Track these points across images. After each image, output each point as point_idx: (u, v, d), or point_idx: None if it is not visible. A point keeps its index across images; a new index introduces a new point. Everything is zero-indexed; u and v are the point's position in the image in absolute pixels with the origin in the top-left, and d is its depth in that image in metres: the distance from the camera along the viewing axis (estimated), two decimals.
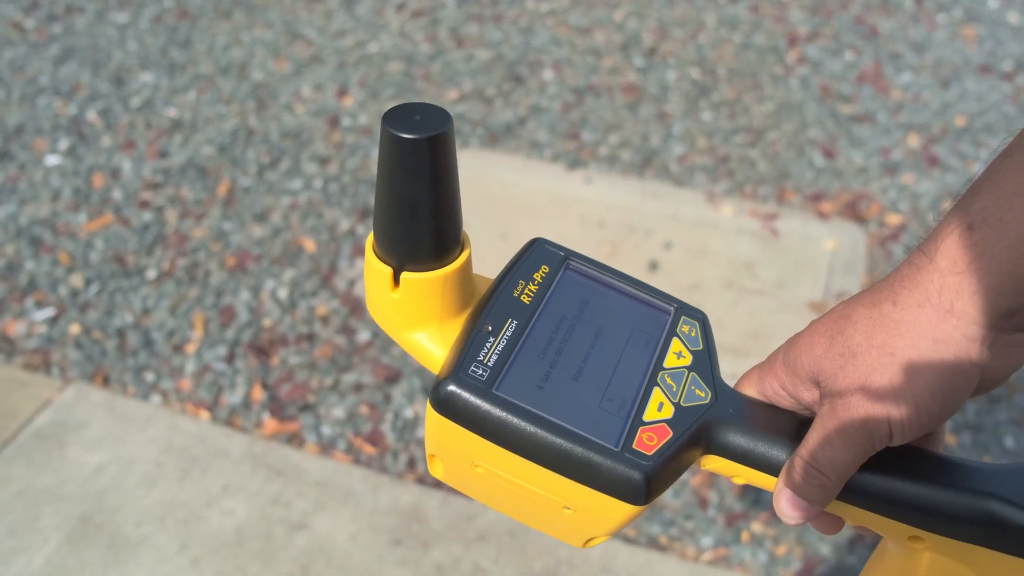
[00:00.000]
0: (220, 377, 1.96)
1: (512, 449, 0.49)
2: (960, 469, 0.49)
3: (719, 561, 1.64)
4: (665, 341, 0.55)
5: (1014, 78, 2.98)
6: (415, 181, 0.48)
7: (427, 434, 0.52)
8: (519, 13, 3.33)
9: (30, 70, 2.97)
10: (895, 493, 0.48)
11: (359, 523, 1.67)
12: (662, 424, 0.50)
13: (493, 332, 0.51)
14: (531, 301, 0.53)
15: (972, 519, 0.47)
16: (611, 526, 0.50)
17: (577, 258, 0.57)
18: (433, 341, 0.53)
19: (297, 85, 2.91)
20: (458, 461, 0.51)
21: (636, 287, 0.57)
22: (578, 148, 2.65)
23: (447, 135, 0.47)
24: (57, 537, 1.64)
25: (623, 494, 0.48)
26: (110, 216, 2.39)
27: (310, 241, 2.31)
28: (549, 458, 0.48)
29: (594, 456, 0.48)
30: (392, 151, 0.47)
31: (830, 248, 2.30)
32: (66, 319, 2.10)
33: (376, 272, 0.52)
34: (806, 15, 3.33)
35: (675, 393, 0.52)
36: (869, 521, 0.50)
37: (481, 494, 0.54)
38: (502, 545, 1.63)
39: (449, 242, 0.51)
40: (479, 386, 0.48)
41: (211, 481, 1.74)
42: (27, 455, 1.77)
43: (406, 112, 0.47)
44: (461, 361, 0.49)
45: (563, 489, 0.49)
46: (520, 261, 0.56)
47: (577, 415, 0.49)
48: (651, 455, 0.48)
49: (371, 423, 1.87)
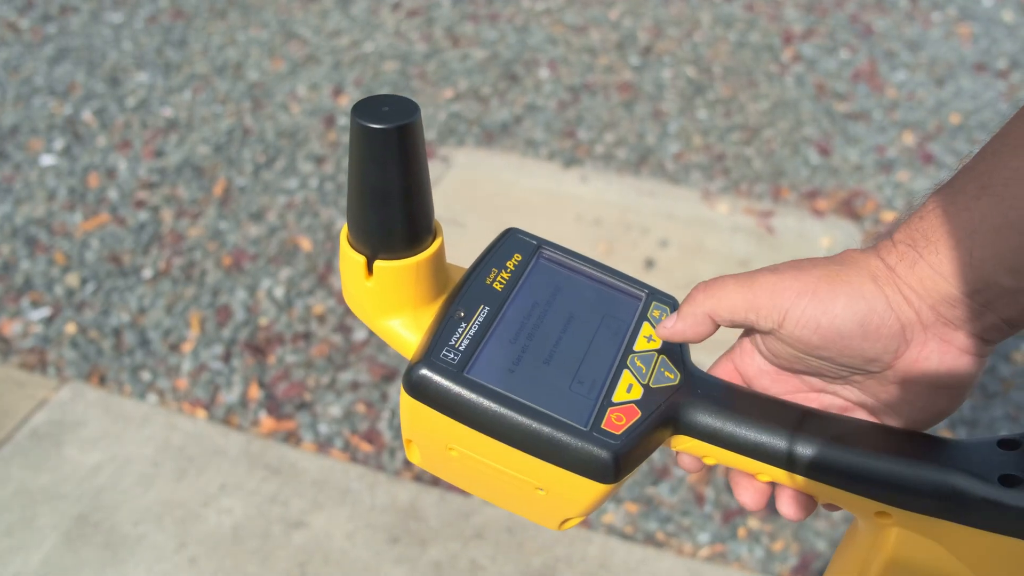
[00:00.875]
0: (217, 376, 1.96)
1: (484, 431, 0.49)
2: (923, 444, 0.50)
3: (716, 557, 1.64)
4: (636, 325, 0.56)
5: (1008, 76, 2.99)
6: (385, 171, 0.49)
7: (402, 419, 0.53)
8: (514, 12, 3.33)
9: (25, 70, 2.97)
10: (860, 468, 0.49)
11: (356, 521, 1.67)
12: (631, 405, 0.51)
13: (465, 318, 0.52)
14: (503, 288, 0.55)
15: (935, 493, 0.47)
16: (583, 506, 0.51)
17: (549, 246, 0.59)
18: (407, 328, 0.54)
19: (293, 84, 2.91)
20: (433, 445, 0.52)
21: (608, 274, 0.59)
22: (574, 146, 2.65)
23: (415, 124, 0.48)
24: (54, 536, 1.64)
25: (592, 473, 0.49)
26: (106, 216, 2.39)
27: (306, 240, 2.31)
28: (520, 439, 0.49)
29: (563, 436, 0.49)
30: (361, 141, 0.48)
31: (826, 245, 2.30)
32: (62, 318, 2.09)
33: (350, 261, 0.53)
34: (801, 13, 3.34)
35: (644, 375, 0.53)
36: (837, 498, 0.51)
37: (457, 478, 0.55)
38: (500, 542, 1.63)
39: (421, 230, 0.52)
40: (450, 369, 0.49)
41: (208, 480, 1.74)
42: (23, 454, 1.77)
43: (374, 103, 0.48)
44: (433, 346, 0.50)
45: (535, 470, 0.50)
46: (493, 250, 0.57)
47: (547, 397, 0.50)
48: (619, 434, 0.49)
49: (368, 421, 1.87)
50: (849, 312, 0.47)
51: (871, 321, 0.47)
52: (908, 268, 0.47)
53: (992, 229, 0.44)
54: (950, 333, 0.48)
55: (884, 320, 0.47)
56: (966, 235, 0.45)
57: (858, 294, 0.48)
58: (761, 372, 0.54)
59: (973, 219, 0.45)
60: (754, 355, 0.54)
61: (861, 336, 0.48)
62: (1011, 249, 0.44)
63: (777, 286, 0.49)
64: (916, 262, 0.47)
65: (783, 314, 0.49)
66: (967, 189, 0.46)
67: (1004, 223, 0.44)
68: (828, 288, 0.48)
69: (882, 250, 0.49)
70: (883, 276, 0.48)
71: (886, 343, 0.48)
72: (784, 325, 0.49)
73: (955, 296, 0.46)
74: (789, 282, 0.49)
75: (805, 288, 0.48)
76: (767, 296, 0.49)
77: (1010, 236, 0.44)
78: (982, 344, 0.48)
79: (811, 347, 0.49)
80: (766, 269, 0.51)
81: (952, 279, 0.46)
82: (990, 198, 0.45)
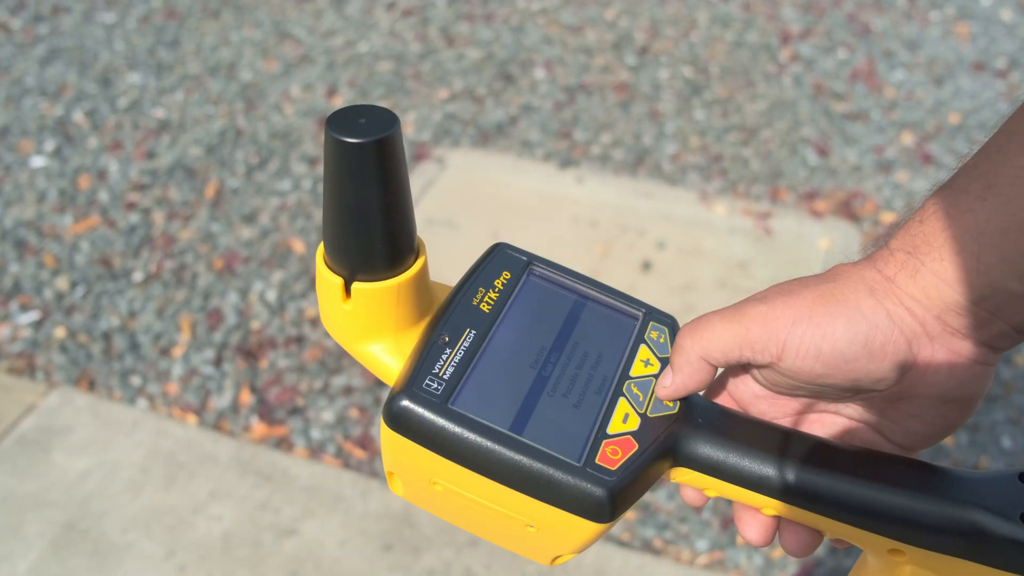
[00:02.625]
0: (208, 381, 1.93)
1: (469, 466, 0.46)
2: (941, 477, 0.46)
3: (714, 565, 1.62)
4: (632, 348, 0.52)
5: (1007, 75, 2.97)
6: (362, 187, 0.45)
7: (383, 451, 0.50)
8: (510, 12, 3.30)
9: (15, 70, 2.94)
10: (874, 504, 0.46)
11: (349, 528, 1.65)
12: (627, 437, 0.47)
13: (450, 343, 0.49)
14: (491, 310, 0.51)
15: (954, 531, 0.44)
16: (576, 544, 0.48)
17: (540, 263, 0.55)
18: (389, 353, 0.51)
19: (286, 85, 2.88)
20: (416, 479, 0.49)
21: (603, 292, 0.55)
22: (570, 147, 2.63)
23: (394, 138, 0.45)
24: (41, 544, 1.61)
25: (586, 512, 0.46)
26: (96, 218, 2.36)
27: (299, 242, 2.29)
28: (508, 475, 0.46)
29: (555, 473, 0.45)
30: (337, 157, 0.44)
31: (824, 247, 2.28)
32: (51, 322, 2.07)
33: (326, 283, 0.50)
34: (798, 13, 3.32)
35: (641, 403, 0.49)
36: (847, 534, 0.47)
37: (442, 511, 0.52)
38: (494, 550, 1.61)
39: (402, 250, 0.49)
40: (433, 401, 0.46)
41: (198, 486, 1.71)
42: (11, 460, 1.74)
43: (350, 115, 0.45)
44: (415, 375, 0.47)
45: (524, 507, 0.47)
46: (480, 268, 0.53)
47: (538, 429, 0.47)
48: (615, 470, 0.46)
49: (361, 427, 1.84)
50: (851, 333, 0.44)
51: (875, 340, 0.44)
52: (909, 277, 0.45)
53: (999, 231, 0.42)
54: (958, 343, 0.45)
55: (888, 337, 0.44)
56: (971, 238, 0.43)
57: (857, 312, 0.44)
58: (757, 397, 0.51)
59: (978, 221, 0.42)
60: (748, 381, 0.51)
61: (867, 358, 0.44)
62: (1020, 252, 0.42)
63: (768, 316, 0.45)
64: (918, 270, 0.44)
65: (780, 346, 0.45)
66: (970, 189, 0.43)
67: (1012, 224, 0.42)
68: (824, 310, 0.45)
69: (878, 260, 0.46)
70: (881, 288, 0.45)
71: (892, 360, 0.45)
72: (783, 358, 0.45)
73: (962, 304, 0.43)
74: (781, 310, 0.45)
75: (800, 314, 0.45)
76: (759, 329, 0.46)
77: (1019, 238, 0.42)
78: (991, 353, 0.45)
79: (814, 376, 0.46)
80: (753, 299, 0.47)
81: (958, 286, 0.43)
82: (996, 198, 0.42)
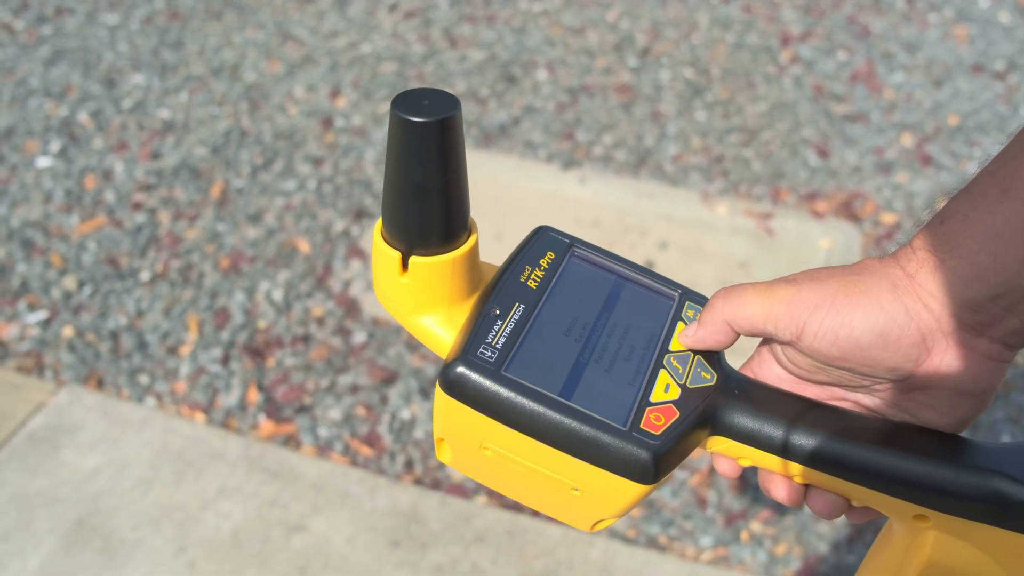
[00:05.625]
0: (215, 379, 1.95)
1: (521, 429, 0.49)
2: (965, 447, 0.49)
3: (719, 561, 1.64)
4: (670, 325, 0.55)
5: (1006, 77, 2.99)
6: (424, 165, 0.48)
7: (436, 417, 0.52)
8: (512, 13, 3.32)
9: (20, 71, 2.95)
10: (900, 471, 0.48)
11: (357, 525, 1.66)
12: (669, 405, 0.50)
13: (501, 316, 0.52)
14: (537, 286, 0.54)
15: (977, 497, 0.47)
16: (619, 507, 0.51)
17: (582, 245, 0.58)
18: (441, 325, 0.54)
19: (290, 86, 2.90)
20: (467, 443, 0.52)
21: (640, 273, 0.58)
22: (572, 148, 2.65)
23: (455, 119, 0.47)
24: (52, 541, 1.62)
25: (631, 473, 0.48)
26: (103, 218, 2.38)
27: (304, 242, 2.30)
28: (558, 438, 0.49)
29: (602, 435, 0.48)
30: (401, 135, 0.47)
31: (825, 247, 2.30)
32: (59, 321, 2.08)
33: (385, 257, 0.52)
34: (798, 15, 3.34)
35: (681, 375, 0.52)
36: (874, 500, 0.50)
37: (489, 478, 0.54)
38: (501, 546, 1.62)
39: (457, 226, 0.52)
40: (488, 367, 0.49)
41: (207, 484, 1.73)
42: (21, 459, 1.76)
43: (415, 96, 0.48)
44: (470, 343, 0.50)
45: (572, 469, 0.49)
46: (526, 248, 0.57)
47: (585, 395, 0.49)
48: (659, 435, 0.49)
49: (368, 424, 1.86)
50: (868, 323, 0.47)
51: (890, 332, 0.47)
52: (929, 274, 0.47)
53: (1016, 232, 0.44)
54: (972, 339, 0.47)
55: (904, 330, 0.47)
56: (989, 239, 0.45)
57: (876, 305, 0.47)
58: (780, 381, 0.54)
59: (996, 222, 0.45)
60: (772, 364, 0.54)
61: (881, 347, 0.47)
62: None
63: (795, 297, 0.49)
64: (937, 268, 0.47)
65: (801, 326, 0.49)
66: (989, 192, 0.46)
67: None
68: (846, 299, 0.48)
69: (901, 258, 0.49)
70: (903, 285, 0.48)
71: (906, 352, 0.48)
72: (802, 337, 0.49)
73: (977, 301, 0.46)
74: (807, 293, 0.49)
75: (823, 300, 0.48)
76: (785, 307, 0.49)
77: None
78: (1005, 349, 0.48)
79: (830, 358, 0.49)
80: (784, 279, 0.51)
81: (974, 283, 0.46)
82: (1013, 201, 0.45)
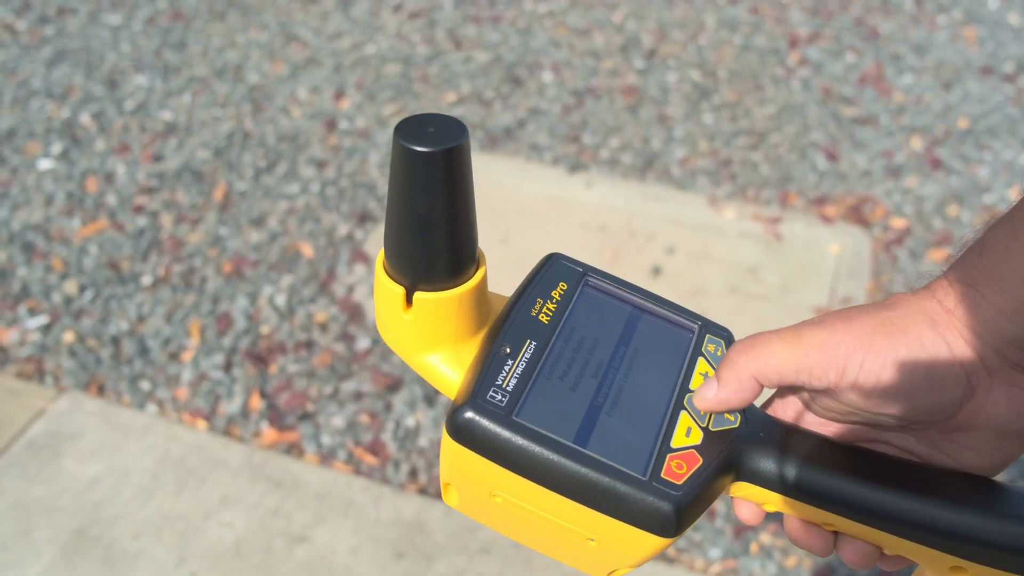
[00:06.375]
0: (217, 386, 1.93)
1: (533, 479, 0.46)
2: (1005, 494, 0.46)
3: (727, 573, 1.61)
4: (690, 361, 0.52)
5: (1016, 79, 2.96)
6: (429, 197, 0.45)
7: (443, 462, 0.49)
8: (517, 14, 3.30)
9: (22, 72, 2.93)
10: (938, 521, 0.45)
11: (360, 535, 1.64)
12: (691, 451, 0.47)
13: (511, 354, 0.49)
14: (550, 320, 0.51)
15: (1019, 549, 0.44)
16: (637, 559, 0.48)
17: (595, 274, 0.55)
18: (448, 364, 0.51)
19: (293, 87, 2.88)
20: (475, 490, 0.49)
21: (658, 304, 0.55)
22: (578, 151, 2.62)
23: (462, 148, 0.45)
24: (51, 550, 1.60)
25: (652, 526, 0.45)
26: (104, 221, 2.36)
27: (308, 246, 2.28)
28: (573, 488, 0.46)
29: (621, 486, 0.45)
30: (404, 165, 0.44)
31: (834, 252, 2.27)
32: (60, 326, 2.06)
33: (387, 292, 0.49)
34: (806, 16, 3.31)
35: (703, 417, 0.49)
36: (909, 550, 0.47)
37: (500, 524, 0.51)
38: (506, 558, 1.60)
39: (464, 260, 0.49)
40: (498, 412, 0.46)
41: (209, 492, 1.70)
42: (20, 466, 1.73)
43: (419, 123, 0.45)
44: (479, 386, 0.47)
45: (588, 520, 0.47)
46: (536, 278, 0.53)
47: (601, 442, 0.47)
48: (681, 484, 0.46)
49: (372, 432, 1.84)
50: (912, 364, 0.44)
51: (935, 372, 0.44)
52: (969, 310, 0.44)
53: None
54: (1018, 377, 0.45)
55: (949, 370, 0.44)
56: None
57: (918, 344, 0.44)
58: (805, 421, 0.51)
59: None
60: (797, 405, 0.50)
61: (927, 389, 0.44)
62: None
63: (828, 341, 0.45)
64: (978, 303, 0.44)
65: (840, 372, 0.45)
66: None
67: None
68: (885, 339, 0.44)
69: (938, 291, 0.46)
70: (942, 320, 0.45)
71: (952, 393, 0.44)
72: (841, 384, 0.45)
73: (1021, 338, 0.43)
74: (841, 336, 0.45)
75: (860, 342, 0.45)
76: (818, 353, 0.45)
77: None
78: None
79: (871, 404, 0.45)
80: (810, 322, 0.47)
81: (1018, 319, 0.43)
82: None
